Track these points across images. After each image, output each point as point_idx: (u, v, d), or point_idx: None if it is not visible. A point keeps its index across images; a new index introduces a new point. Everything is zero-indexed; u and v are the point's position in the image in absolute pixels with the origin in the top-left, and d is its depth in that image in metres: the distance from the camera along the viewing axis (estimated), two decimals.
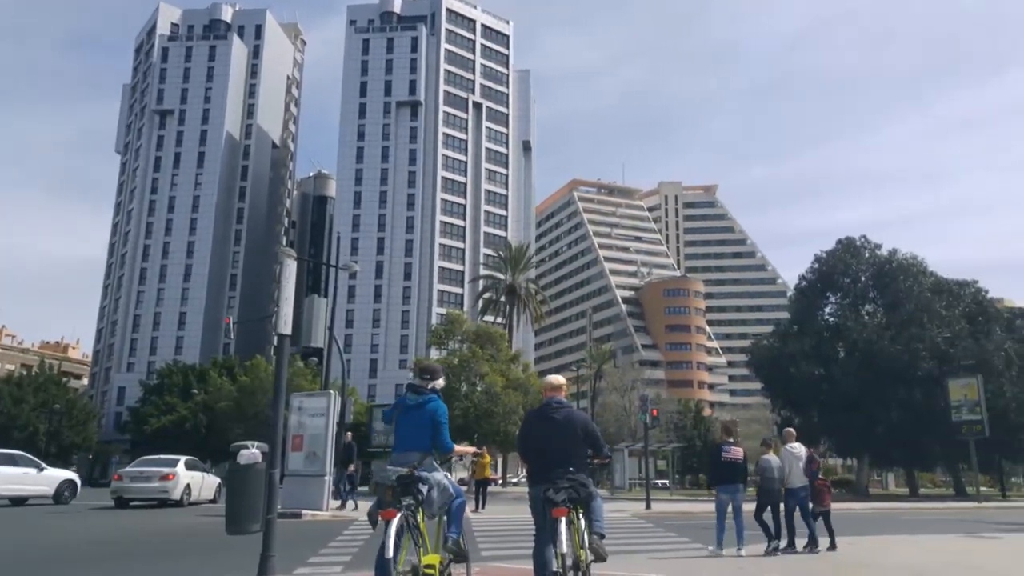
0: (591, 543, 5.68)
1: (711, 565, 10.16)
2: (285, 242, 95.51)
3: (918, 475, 59.69)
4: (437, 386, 6.10)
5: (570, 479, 5.72)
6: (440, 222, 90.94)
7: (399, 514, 5.25)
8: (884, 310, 51.10)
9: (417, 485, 5.49)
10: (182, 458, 22.50)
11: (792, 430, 12.59)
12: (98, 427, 72.02)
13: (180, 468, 21.54)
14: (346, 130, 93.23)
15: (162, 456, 23.56)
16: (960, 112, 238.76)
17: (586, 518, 5.80)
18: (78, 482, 23.46)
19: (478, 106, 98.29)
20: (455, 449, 6.08)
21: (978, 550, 13.03)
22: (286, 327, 7.33)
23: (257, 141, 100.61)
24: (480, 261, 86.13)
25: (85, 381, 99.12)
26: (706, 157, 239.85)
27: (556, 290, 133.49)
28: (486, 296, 59.18)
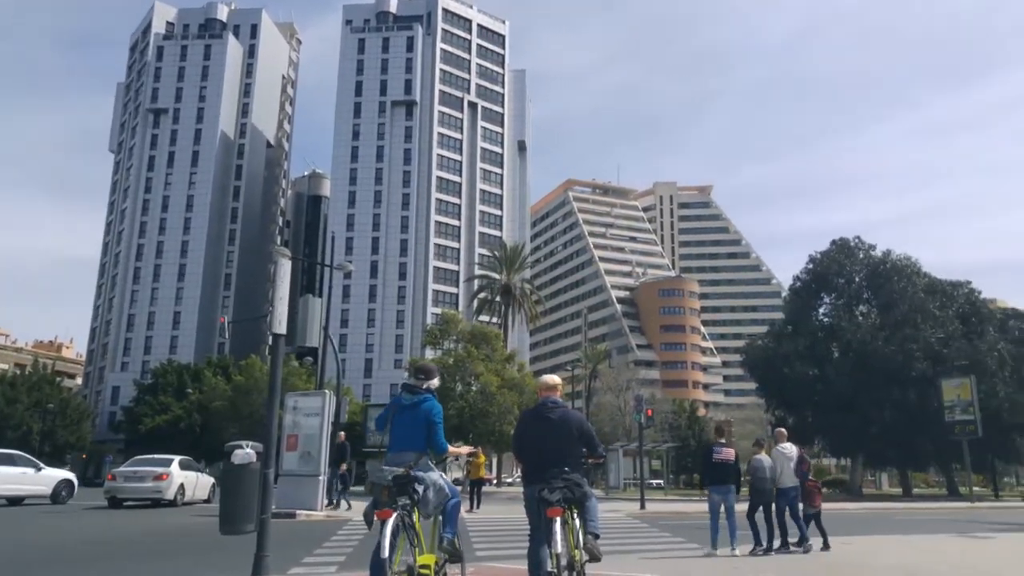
0: (586, 543, 5.68)
1: (706, 565, 10.19)
2: (280, 241, 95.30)
3: (911, 475, 59.92)
4: (432, 386, 6.09)
5: (565, 479, 5.71)
6: (435, 222, 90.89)
7: (395, 514, 5.24)
8: (878, 311, 51.27)
9: (413, 485, 5.48)
10: (176, 458, 22.43)
11: (783, 430, 12.63)
12: (92, 427, 71.78)
13: (174, 468, 21.48)
14: (341, 129, 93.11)
15: (156, 456, 23.49)
16: (953, 112, 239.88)
17: (581, 518, 5.80)
18: (75, 482, 23.39)
19: (473, 106, 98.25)
20: (449, 450, 6.06)
21: (971, 550, 13.08)
22: (281, 327, 7.32)
23: (252, 140, 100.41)
24: (475, 261, 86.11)
25: (79, 380, 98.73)
26: (701, 157, 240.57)
27: (551, 290, 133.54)
28: (481, 296, 59.18)
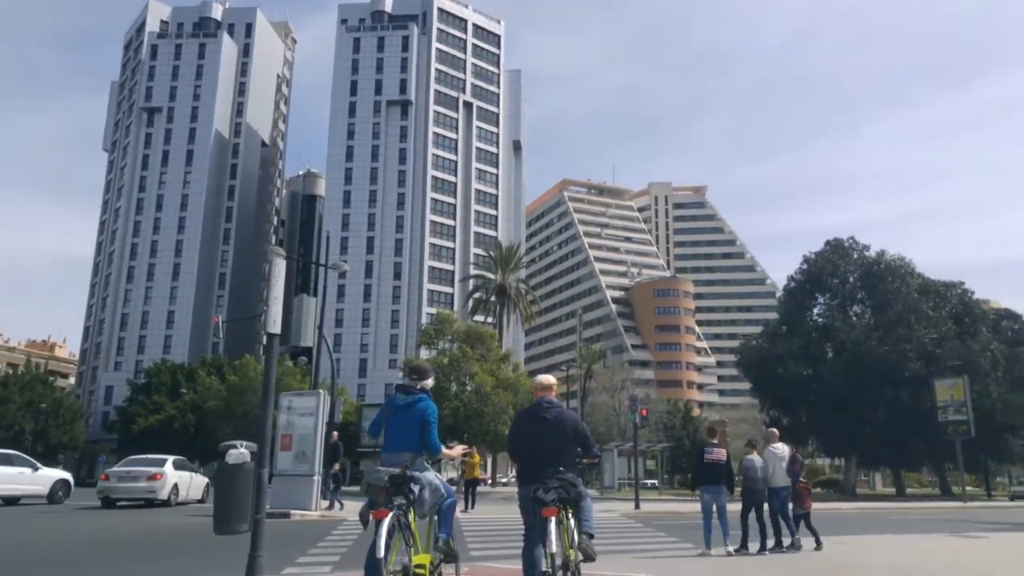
0: (580, 543, 5.68)
1: (700, 565, 10.21)
2: (274, 241, 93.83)
3: (905, 475, 60.16)
4: (426, 386, 6.08)
5: (560, 479, 5.71)
6: (430, 221, 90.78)
7: (391, 514, 5.24)
8: (872, 311, 51.45)
9: (409, 485, 5.48)
10: (170, 458, 22.37)
11: (775, 430, 12.68)
12: (85, 426, 71.51)
13: (168, 468, 21.42)
14: (336, 129, 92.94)
15: (150, 456, 23.40)
16: (949, 113, 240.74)
17: (575, 518, 5.80)
18: (72, 482, 23.36)
19: (469, 105, 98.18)
20: (443, 451, 6.03)
21: (964, 550, 13.13)
22: (275, 326, 7.29)
23: (246, 139, 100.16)
24: (470, 261, 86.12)
25: (72, 380, 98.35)
26: (696, 158, 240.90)
27: (546, 290, 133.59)
28: (476, 296, 59.18)
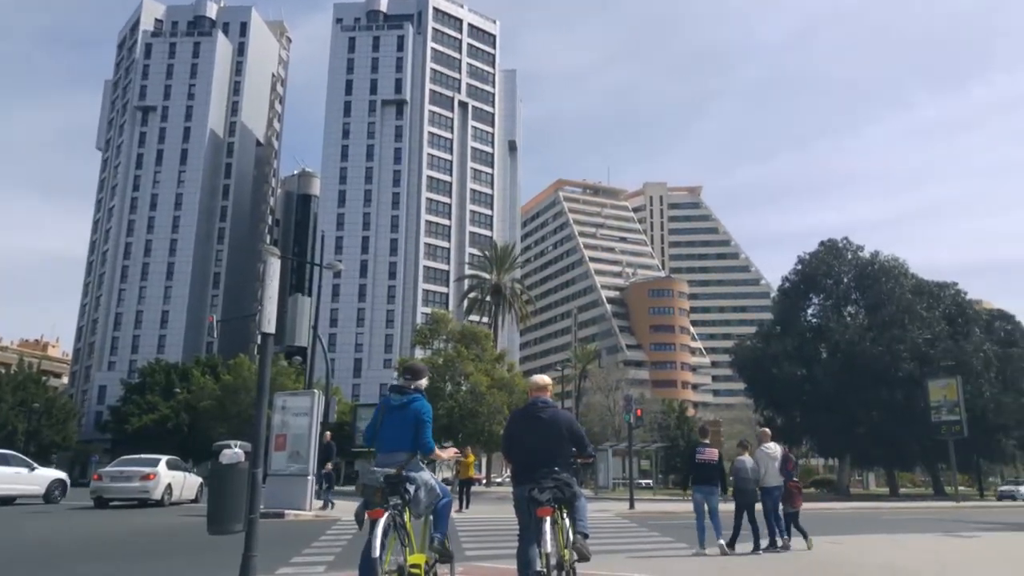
0: (575, 543, 5.68)
1: (694, 564, 10.23)
2: (269, 240, 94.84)
3: (898, 475, 60.39)
4: (420, 386, 6.07)
5: (555, 479, 5.72)
6: (425, 221, 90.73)
7: (386, 514, 5.24)
8: (866, 311, 51.60)
9: (405, 485, 5.48)
10: (163, 457, 22.30)
11: (767, 430, 12.73)
12: (78, 426, 71.27)
13: (161, 468, 21.34)
14: (331, 128, 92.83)
15: (143, 456, 23.32)
16: (942, 114, 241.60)
17: (570, 518, 5.81)
18: (68, 482, 23.32)
19: (464, 105, 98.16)
20: (435, 452, 5.99)
21: (957, 549, 13.20)
22: (270, 326, 7.27)
23: (241, 139, 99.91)
24: (465, 260, 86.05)
25: (65, 380, 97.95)
26: (691, 158, 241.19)
27: (541, 290, 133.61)
28: (471, 296, 59.10)
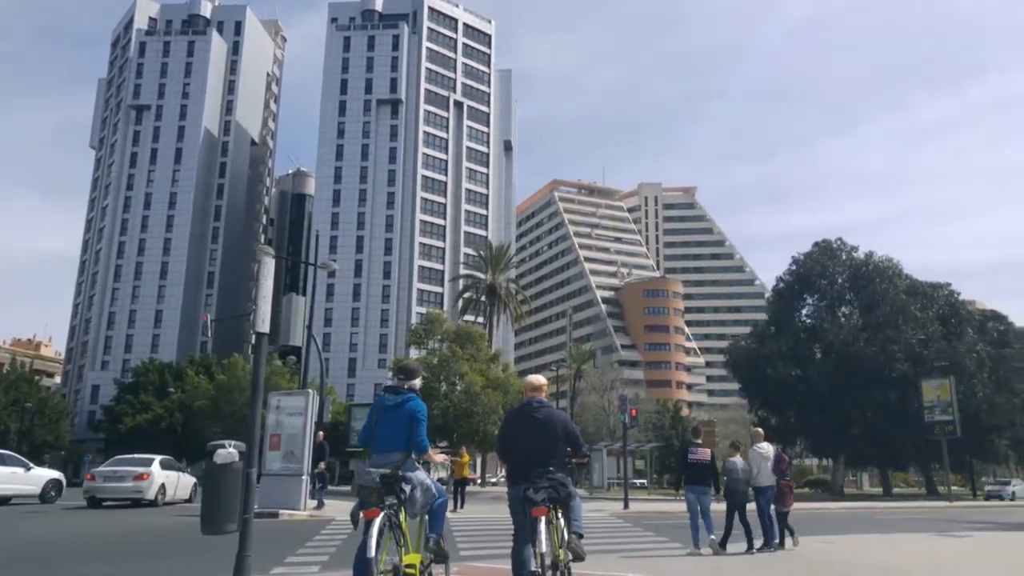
0: (570, 542, 5.68)
1: (688, 564, 10.26)
2: (263, 240, 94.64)
3: (892, 475, 60.58)
4: (414, 386, 6.06)
5: (550, 479, 5.71)
6: (420, 221, 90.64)
7: (382, 514, 5.23)
8: (860, 312, 51.75)
9: (400, 484, 5.47)
10: (157, 457, 22.21)
11: (760, 430, 12.78)
12: (71, 426, 70.96)
13: (155, 467, 21.26)
14: (326, 128, 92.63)
15: (136, 455, 23.22)
16: (937, 115, 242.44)
17: (565, 517, 5.80)
18: (63, 482, 23.25)
19: (459, 105, 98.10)
20: (428, 452, 5.96)
21: (951, 549, 13.25)
22: (264, 325, 7.25)
23: (236, 138, 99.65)
24: (460, 260, 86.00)
25: (58, 379, 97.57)
26: (686, 159, 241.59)
27: (536, 290, 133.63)
28: (466, 295, 59.12)
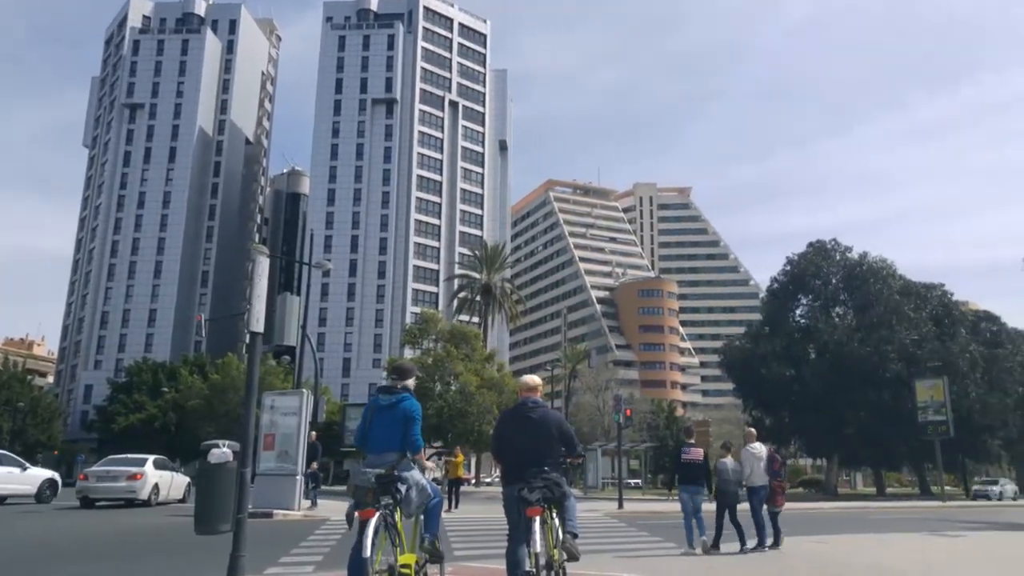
0: (564, 542, 5.68)
1: (682, 564, 10.28)
2: (258, 239, 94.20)
3: (885, 475, 60.78)
4: (408, 386, 6.07)
5: (544, 479, 5.72)
6: (415, 220, 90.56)
7: (377, 514, 5.23)
8: (854, 312, 51.89)
9: (396, 484, 5.46)
10: (150, 457, 22.14)
11: (753, 430, 12.81)
12: (64, 426, 70.72)
13: (148, 467, 21.19)
14: (321, 127, 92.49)
15: (130, 455, 23.15)
16: (937, 115, 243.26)
17: (560, 517, 5.80)
18: (59, 482, 23.21)
19: (454, 105, 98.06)
20: (421, 453, 5.96)
21: (943, 549, 13.31)
22: (258, 325, 7.23)
23: (230, 137, 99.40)
24: (455, 260, 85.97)
25: (51, 379, 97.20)
26: (681, 159, 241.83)
27: (531, 290, 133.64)
28: (461, 295, 59.06)
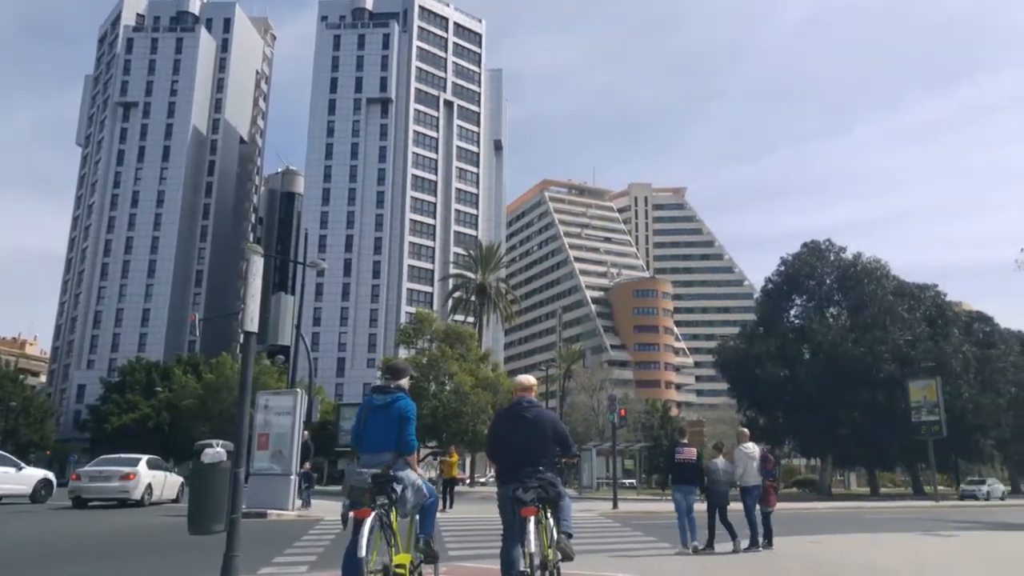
0: (559, 542, 5.67)
1: (677, 563, 10.28)
2: (252, 238, 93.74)
3: (879, 475, 60.97)
4: (402, 385, 6.04)
5: (539, 479, 5.71)
6: (410, 220, 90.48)
7: (372, 514, 5.21)
8: (848, 312, 52.03)
9: (392, 484, 5.45)
10: (143, 457, 22.06)
11: (746, 430, 12.83)
12: (56, 425, 70.43)
13: (141, 467, 21.12)
14: (315, 126, 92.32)
15: (122, 455, 23.05)
16: (937, 115, 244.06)
17: (554, 517, 5.80)
18: (54, 482, 23.15)
19: (449, 104, 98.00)
20: (415, 452, 5.95)
21: (937, 549, 13.35)
22: (252, 324, 7.21)
23: (224, 136, 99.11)
24: (450, 260, 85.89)
25: (43, 378, 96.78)
26: (676, 159, 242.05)
27: (526, 290, 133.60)
28: (456, 295, 59.05)
